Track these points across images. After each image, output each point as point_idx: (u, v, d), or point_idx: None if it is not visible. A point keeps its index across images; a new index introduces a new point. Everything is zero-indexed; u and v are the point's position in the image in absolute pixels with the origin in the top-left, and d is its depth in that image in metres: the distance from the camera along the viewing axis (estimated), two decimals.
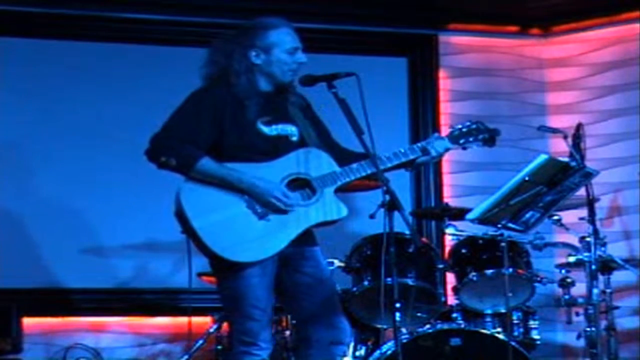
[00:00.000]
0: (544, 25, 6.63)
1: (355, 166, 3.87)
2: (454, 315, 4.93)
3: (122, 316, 6.00)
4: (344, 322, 3.96)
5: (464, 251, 5.02)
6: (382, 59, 6.42)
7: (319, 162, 3.88)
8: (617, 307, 5.29)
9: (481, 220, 4.15)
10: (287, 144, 3.90)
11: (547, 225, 4.99)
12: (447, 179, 6.42)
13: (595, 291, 4.86)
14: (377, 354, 4.67)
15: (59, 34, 6.01)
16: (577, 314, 5.07)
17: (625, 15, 6.36)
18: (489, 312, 4.97)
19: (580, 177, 4.14)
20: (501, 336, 4.68)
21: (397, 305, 3.63)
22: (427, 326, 4.72)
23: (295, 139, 3.93)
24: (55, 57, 5.98)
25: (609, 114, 6.40)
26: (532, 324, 5.05)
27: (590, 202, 4.92)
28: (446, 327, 4.72)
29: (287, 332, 4.99)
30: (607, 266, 5.10)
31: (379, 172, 3.67)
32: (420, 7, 6.45)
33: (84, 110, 5.92)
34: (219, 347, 5.33)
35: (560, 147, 5.05)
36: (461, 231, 5.03)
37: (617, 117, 6.37)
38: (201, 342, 5.28)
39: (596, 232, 4.88)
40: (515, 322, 5.00)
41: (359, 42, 6.39)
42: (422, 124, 6.37)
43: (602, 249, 4.96)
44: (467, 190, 6.37)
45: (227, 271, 3.79)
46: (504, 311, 4.90)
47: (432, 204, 6.25)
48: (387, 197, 3.59)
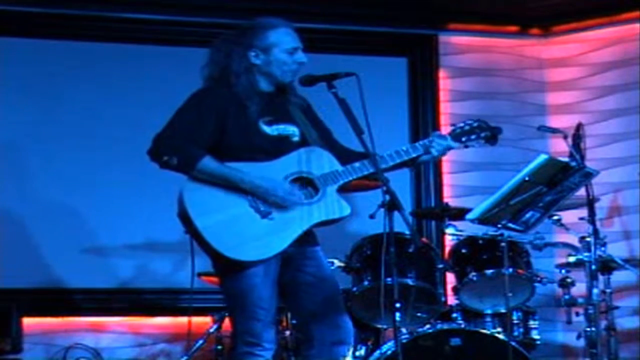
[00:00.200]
0: (544, 25, 6.62)
1: (357, 165, 3.86)
2: (454, 315, 4.93)
3: (122, 316, 5.99)
4: (347, 322, 3.93)
5: (464, 251, 5.02)
6: (382, 59, 6.41)
7: (321, 161, 3.88)
8: (617, 307, 5.28)
9: (481, 220, 4.15)
10: (289, 145, 3.89)
11: (547, 225, 4.99)
12: (447, 179, 6.42)
13: (595, 291, 4.86)
14: (377, 354, 4.67)
15: (59, 34, 6.00)
16: (577, 314, 5.07)
17: (625, 15, 6.36)
18: (489, 312, 4.98)
19: (580, 177, 4.13)
20: (501, 336, 4.68)
21: (397, 305, 3.62)
22: (427, 326, 4.72)
23: (296, 140, 3.92)
24: (55, 57, 5.97)
25: (609, 114, 6.40)
26: (532, 324, 5.06)
27: (590, 202, 4.92)
28: (446, 327, 4.72)
29: (287, 332, 4.99)
30: (607, 266, 5.10)
31: (379, 172, 3.66)
32: (420, 7, 6.45)
33: (84, 110, 5.91)
34: (219, 347, 5.33)
35: (560, 147, 5.05)
36: (461, 231, 5.03)
37: (617, 117, 6.37)
38: (201, 342, 5.28)
39: (596, 232, 4.88)
40: (515, 322, 5.00)
41: (359, 42, 6.38)
42: (422, 124, 6.37)
43: (602, 249, 4.96)
44: (467, 190, 6.36)
45: (231, 271, 3.77)
46: (504, 311, 4.90)
47: (432, 204, 6.24)
48: (387, 197, 3.58)
